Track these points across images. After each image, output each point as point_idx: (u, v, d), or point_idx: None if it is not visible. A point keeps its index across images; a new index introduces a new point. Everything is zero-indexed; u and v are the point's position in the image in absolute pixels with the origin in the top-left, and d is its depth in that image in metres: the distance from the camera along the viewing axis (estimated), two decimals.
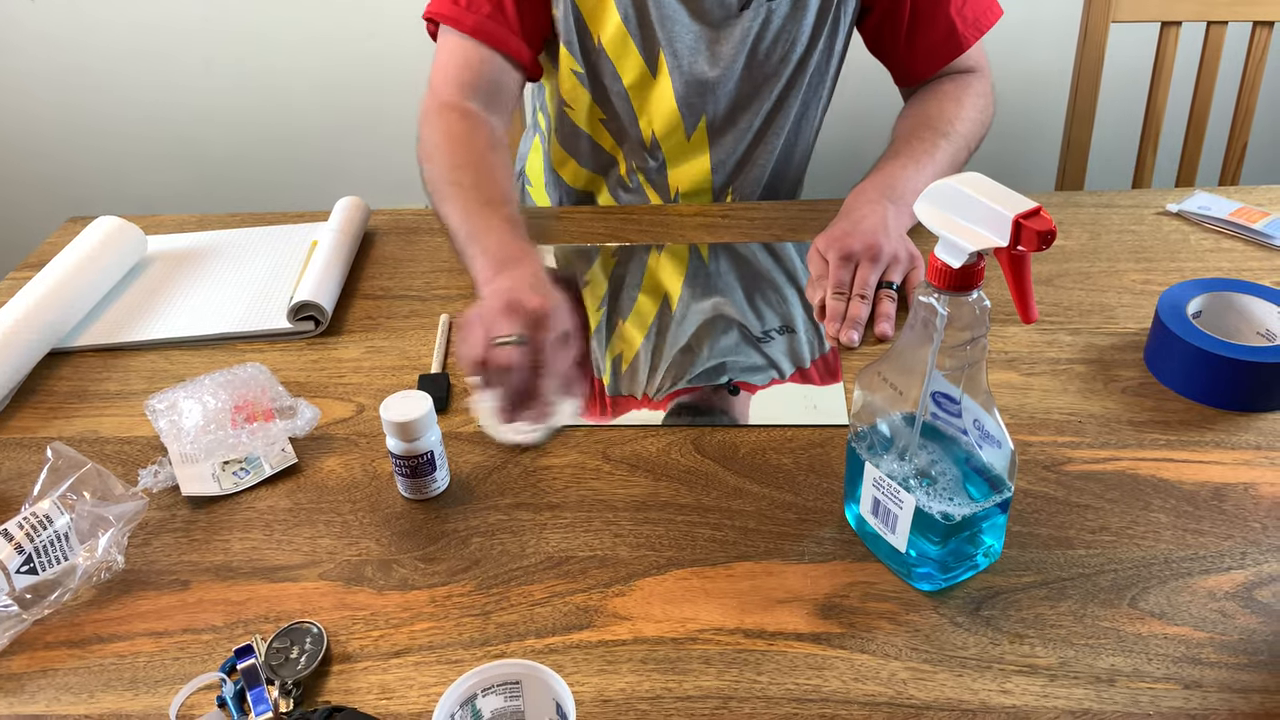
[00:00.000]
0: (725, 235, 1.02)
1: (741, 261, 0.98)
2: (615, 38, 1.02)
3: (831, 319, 0.87)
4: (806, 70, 1.07)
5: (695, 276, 0.96)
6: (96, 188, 2.03)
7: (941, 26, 1.04)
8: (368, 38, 1.85)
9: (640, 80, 1.05)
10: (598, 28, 1.03)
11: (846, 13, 1.05)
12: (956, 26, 1.04)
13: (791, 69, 1.06)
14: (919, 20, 1.04)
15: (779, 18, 1.01)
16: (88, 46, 1.87)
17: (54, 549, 0.65)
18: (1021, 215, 0.51)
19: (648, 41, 1.02)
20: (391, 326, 0.91)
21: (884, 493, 0.62)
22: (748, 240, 1.01)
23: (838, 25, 1.05)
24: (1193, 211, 1.02)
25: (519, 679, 0.53)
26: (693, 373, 0.83)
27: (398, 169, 1.95)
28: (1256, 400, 0.76)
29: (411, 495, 0.72)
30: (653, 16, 1.00)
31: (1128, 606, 0.62)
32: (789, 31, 1.03)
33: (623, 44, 1.03)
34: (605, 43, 1.03)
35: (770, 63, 1.05)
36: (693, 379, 0.83)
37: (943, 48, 1.05)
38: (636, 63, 1.04)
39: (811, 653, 0.60)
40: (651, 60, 1.03)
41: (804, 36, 1.04)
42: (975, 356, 0.57)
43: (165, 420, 0.77)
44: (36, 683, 0.61)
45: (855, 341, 0.85)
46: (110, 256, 0.97)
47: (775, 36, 1.03)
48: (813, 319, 0.89)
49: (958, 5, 1.03)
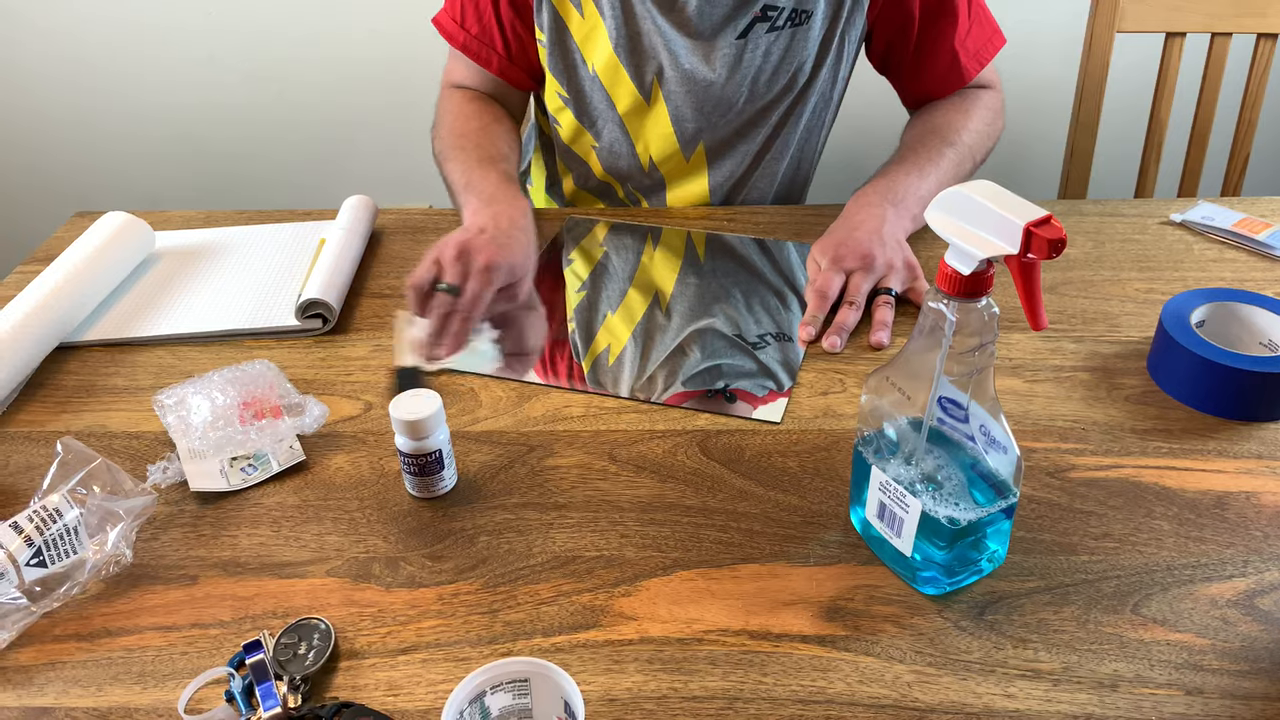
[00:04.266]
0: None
1: (738, 260, 0.98)
2: (608, 66, 1.03)
3: (809, 321, 0.87)
4: (809, 97, 1.07)
5: (688, 276, 0.96)
6: (103, 183, 2.03)
7: (945, 58, 1.05)
8: (376, 36, 1.85)
9: (635, 107, 1.05)
10: (590, 56, 1.03)
11: (851, 40, 1.05)
12: (959, 58, 1.05)
13: (794, 97, 1.06)
14: (923, 51, 1.05)
15: (779, 49, 1.01)
16: (95, 42, 1.87)
17: (63, 542, 0.65)
18: (1032, 223, 0.51)
19: (639, 70, 1.02)
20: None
21: (890, 496, 0.63)
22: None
23: (842, 53, 1.06)
24: (1196, 221, 1.02)
25: (528, 677, 0.53)
26: (687, 374, 0.84)
27: (406, 168, 1.96)
28: (1259, 410, 0.77)
29: (419, 494, 0.73)
30: (644, 44, 1.01)
31: (1130, 613, 0.63)
32: (790, 60, 1.02)
33: (615, 72, 1.03)
34: (599, 71, 1.04)
35: (772, 90, 1.05)
36: (687, 381, 0.83)
37: (946, 78, 1.06)
38: (629, 90, 1.04)
39: (816, 655, 0.61)
40: (644, 87, 1.04)
41: (808, 65, 1.04)
42: (983, 363, 0.58)
43: (174, 416, 0.78)
44: (45, 675, 0.61)
45: (838, 347, 0.86)
46: (119, 251, 0.97)
47: (777, 65, 1.03)
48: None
49: (961, 36, 1.04)
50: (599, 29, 1.01)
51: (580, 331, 0.89)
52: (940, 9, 1.02)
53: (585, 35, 1.02)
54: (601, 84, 1.04)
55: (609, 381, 0.83)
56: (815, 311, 0.88)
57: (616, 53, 1.01)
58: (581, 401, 0.81)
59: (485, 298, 0.75)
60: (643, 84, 1.03)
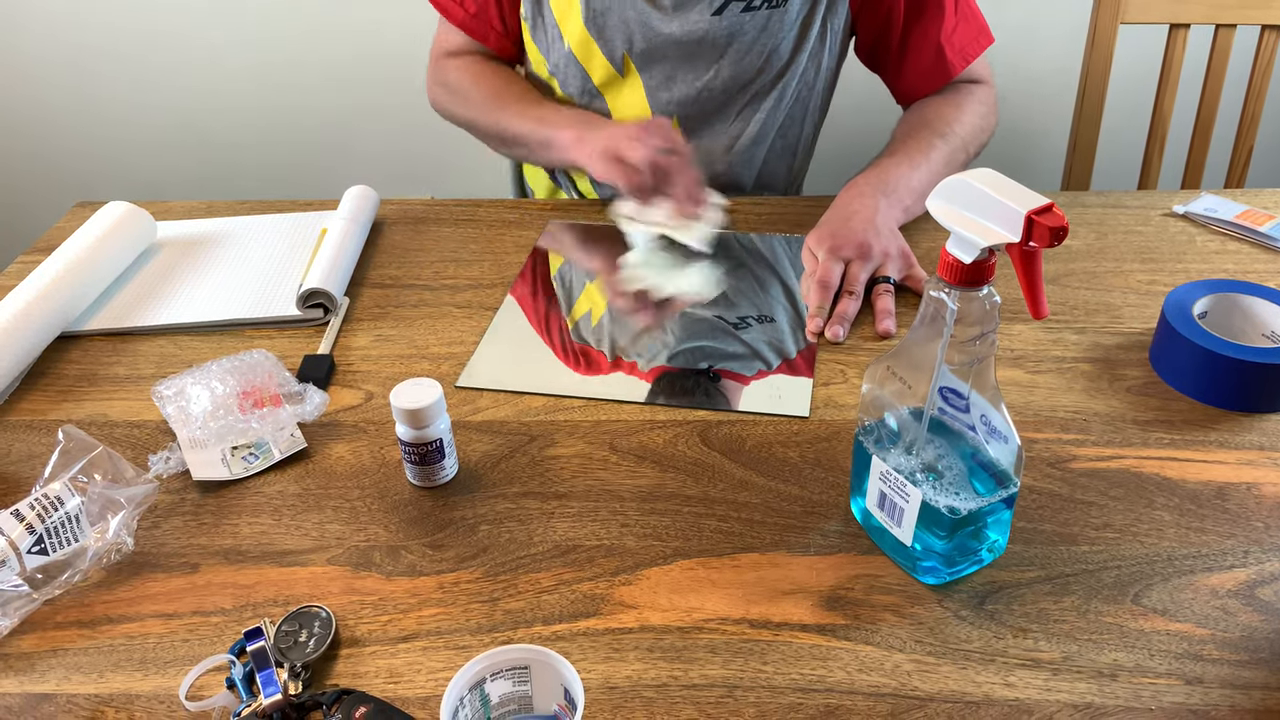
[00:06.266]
0: (728, 229, 1.03)
1: (719, 246, 0.98)
2: (581, 42, 1.04)
3: (816, 313, 0.87)
4: (788, 82, 1.07)
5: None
6: (104, 173, 2.03)
7: (930, 53, 1.05)
8: (379, 26, 1.85)
9: (609, 79, 1.07)
10: (566, 31, 1.04)
11: (834, 30, 1.05)
12: (945, 53, 1.04)
13: (770, 79, 1.06)
14: (908, 46, 1.06)
15: (754, 28, 1.02)
16: (98, 31, 1.87)
17: (65, 530, 0.65)
18: (1034, 211, 0.51)
19: (609, 43, 1.03)
20: (400, 315, 0.92)
21: (890, 486, 0.63)
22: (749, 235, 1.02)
23: (824, 41, 1.06)
24: (1199, 213, 1.02)
25: (528, 664, 0.53)
26: (672, 351, 0.84)
27: (407, 159, 1.96)
28: (1260, 401, 0.77)
29: (420, 483, 0.73)
30: (613, 19, 1.02)
31: (1130, 603, 0.63)
32: (765, 42, 1.03)
33: (587, 47, 1.04)
34: (573, 46, 1.05)
35: (747, 72, 1.05)
36: (672, 359, 0.83)
37: (931, 73, 1.06)
38: (602, 64, 1.05)
39: (816, 644, 0.61)
40: (615, 60, 1.04)
41: (783, 47, 1.04)
42: (984, 352, 0.58)
43: (173, 406, 0.78)
44: (47, 662, 0.61)
45: (841, 337, 0.86)
46: (120, 241, 0.97)
47: (750, 45, 1.03)
48: (797, 310, 0.90)
49: (947, 32, 1.04)
50: (574, 2, 1.02)
51: (562, 295, 0.93)
52: (925, 3, 1.03)
53: (564, 11, 1.04)
54: (575, 58, 1.06)
55: (591, 339, 0.86)
56: (820, 303, 0.87)
57: (587, 27, 1.03)
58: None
59: (691, 150, 0.87)
60: (614, 59, 1.05)
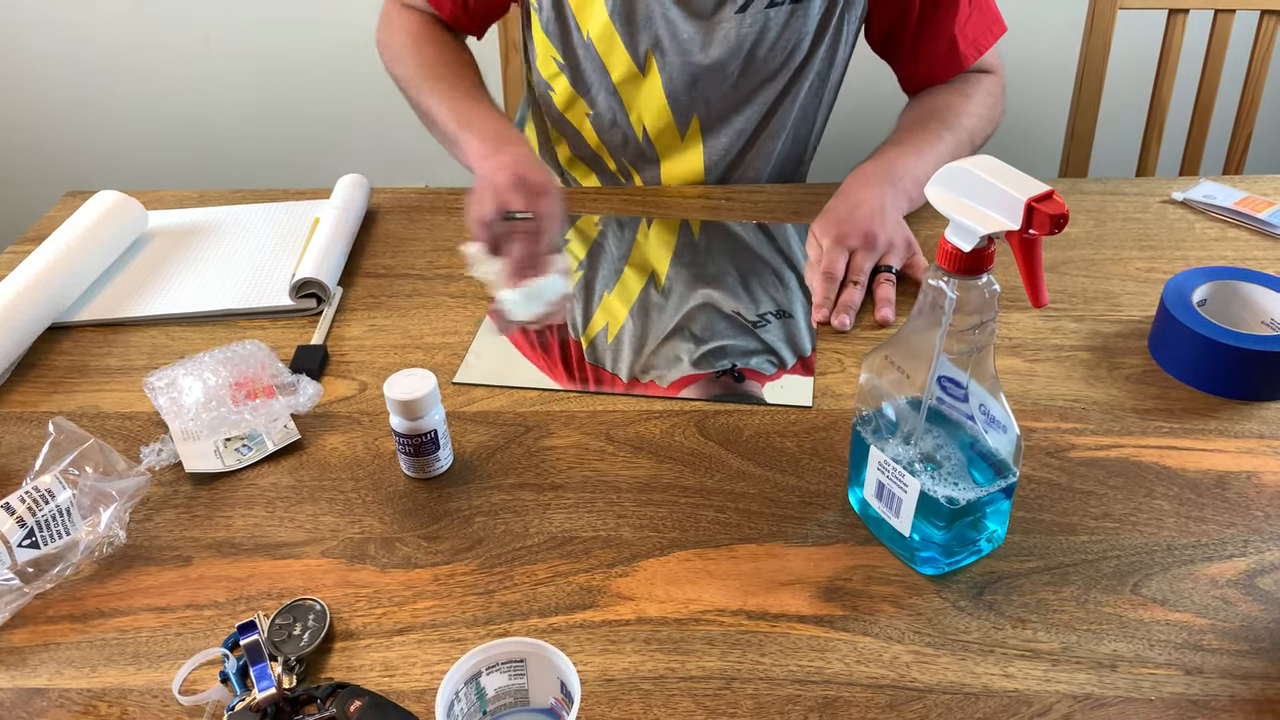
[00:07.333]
0: (727, 217, 1.02)
1: (733, 240, 0.98)
2: (603, 34, 1.02)
3: (822, 304, 0.87)
4: (806, 75, 1.06)
5: (683, 254, 0.96)
6: (97, 164, 2.02)
7: (943, 43, 1.04)
8: (371, 15, 1.83)
9: (629, 77, 1.05)
10: (585, 23, 1.02)
11: (851, 20, 1.04)
12: (958, 44, 1.04)
13: (790, 74, 1.05)
14: (922, 36, 1.04)
15: (777, 24, 1.01)
16: (91, 22, 1.85)
17: (56, 523, 0.64)
18: (1034, 198, 0.51)
19: (634, 38, 1.02)
20: (393, 305, 0.91)
21: (889, 476, 0.62)
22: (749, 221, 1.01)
23: (841, 33, 1.05)
24: (1198, 200, 1.01)
25: (524, 657, 0.53)
26: (692, 358, 0.83)
27: (400, 148, 1.94)
28: (1260, 389, 0.77)
29: (414, 474, 0.72)
30: (640, 13, 1.00)
31: (1130, 593, 0.62)
32: (788, 37, 1.02)
33: (610, 40, 1.02)
34: (594, 39, 1.03)
35: (768, 67, 1.04)
36: (695, 363, 0.82)
37: (944, 63, 1.05)
38: (624, 59, 1.03)
39: (814, 635, 0.60)
40: (638, 57, 1.03)
41: (805, 42, 1.03)
42: (983, 341, 0.57)
43: (165, 398, 0.77)
44: (38, 656, 0.61)
45: (847, 326, 0.85)
46: (111, 231, 0.96)
47: (774, 41, 1.02)
48: (811, 303, 0.89)
49: (960, 23, 1.03)
50: None
51: (579, 310, 0.89)
52: None
53: (581, 1, 1.01)
54: (596, 51, 1.04)
55: (608, 359, 0.82)
56: (826, 294, 0.87)
57: (612, 19, 1.00)
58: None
59: (558, 216, 0.80)
60: (637, 53, 1.02)
